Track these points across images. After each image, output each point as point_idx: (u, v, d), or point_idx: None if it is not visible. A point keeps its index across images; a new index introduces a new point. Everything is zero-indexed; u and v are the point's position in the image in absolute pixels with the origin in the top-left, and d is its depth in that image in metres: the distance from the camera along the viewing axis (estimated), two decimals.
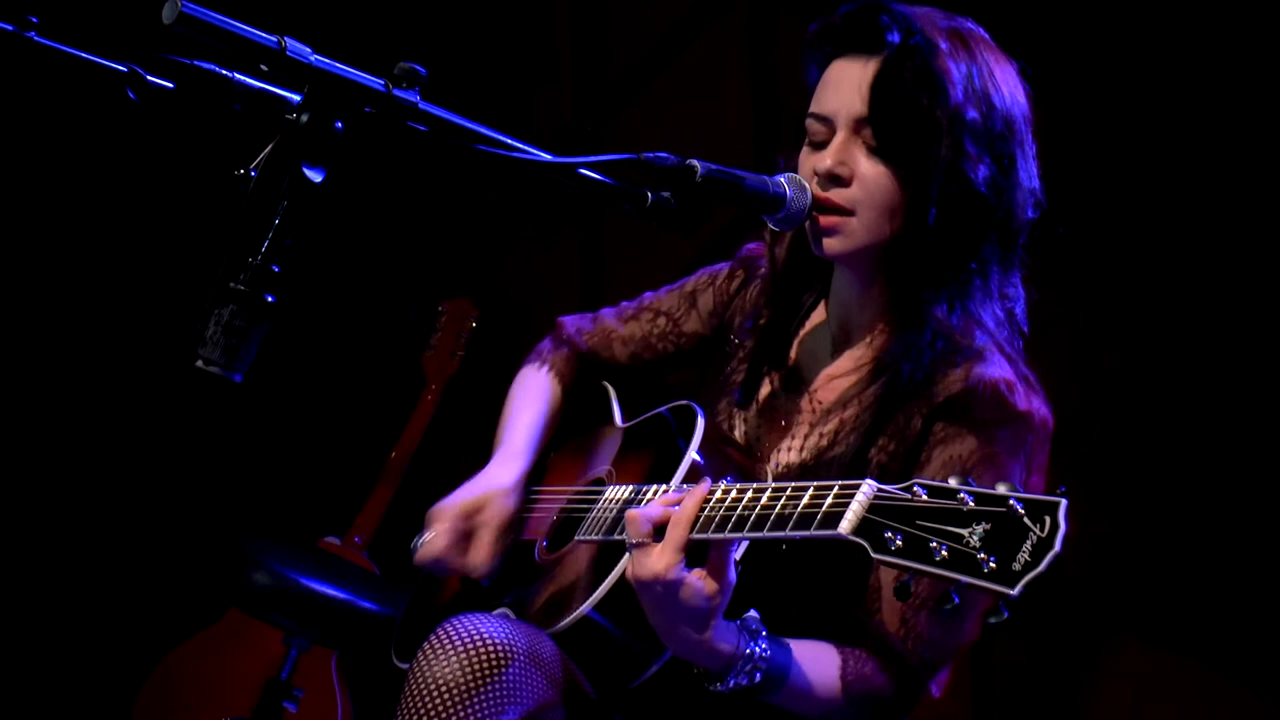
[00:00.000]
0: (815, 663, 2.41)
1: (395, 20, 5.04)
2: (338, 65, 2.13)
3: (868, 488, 2.08)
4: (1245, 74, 3.78)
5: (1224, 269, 3.81)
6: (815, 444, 2.60)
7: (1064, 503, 1.92)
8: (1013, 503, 1.94)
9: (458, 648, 2.39)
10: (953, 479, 2.01)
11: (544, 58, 4.97)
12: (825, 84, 2.57)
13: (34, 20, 2.10)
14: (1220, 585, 3.79)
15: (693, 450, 2.55)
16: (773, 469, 2.63)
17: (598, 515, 2.58)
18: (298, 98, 2.11)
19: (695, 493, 2.31)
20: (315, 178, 2.09)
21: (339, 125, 2.12)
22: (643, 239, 3.62)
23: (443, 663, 2.39)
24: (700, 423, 2.60)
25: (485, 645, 2.39)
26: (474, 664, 2.38)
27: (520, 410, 2.91)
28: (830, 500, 2.12)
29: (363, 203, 4.91)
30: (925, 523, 1.99)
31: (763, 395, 2.72)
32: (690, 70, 4.73)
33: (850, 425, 2.58)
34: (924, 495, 2.02)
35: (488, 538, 2.71)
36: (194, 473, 5.04)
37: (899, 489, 2.05)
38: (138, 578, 4.97)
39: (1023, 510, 1.93)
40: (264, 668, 4.40)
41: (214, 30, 2.04)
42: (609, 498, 2.59)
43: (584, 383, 2.97)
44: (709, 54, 4.70)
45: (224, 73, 2.10)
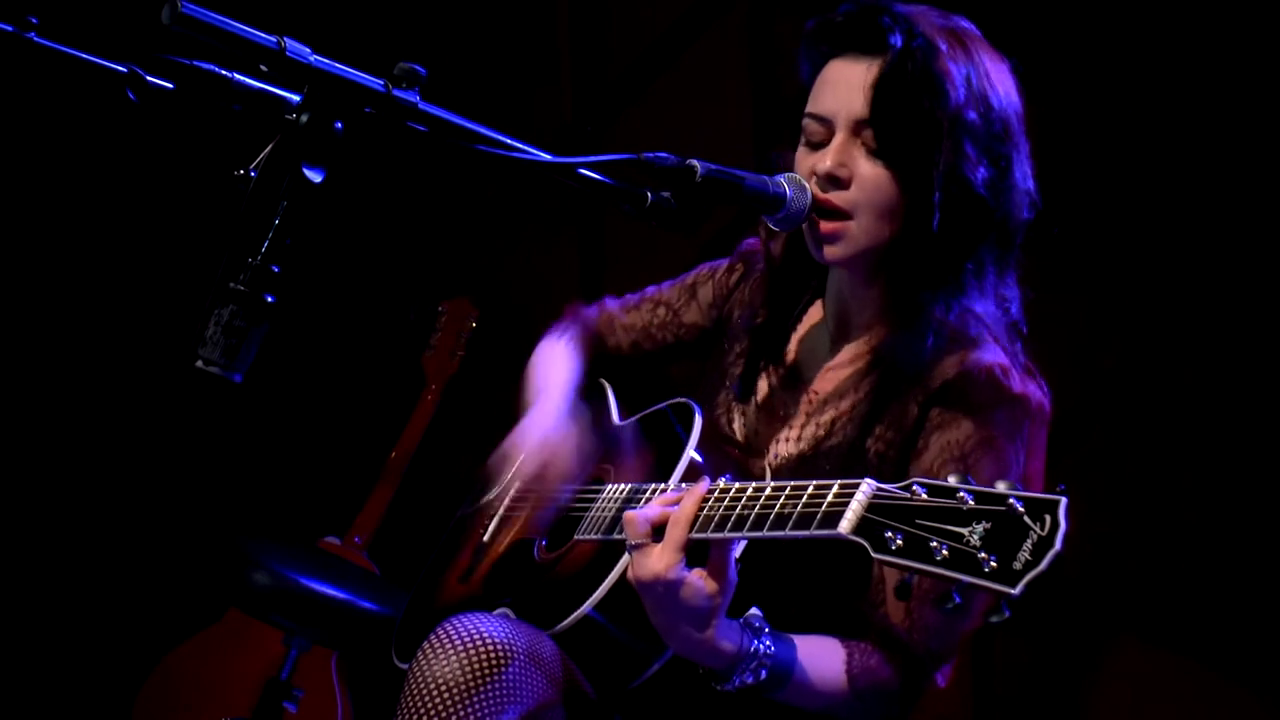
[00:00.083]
0: (820, 657, 2.40)
1: (395, 20, 5.04)
2: (337, 65, 2.13)
3: (867, 486, 2.08)
4: (1244, 73, 3.77)
5: (1223, 269, 3.81)
6: (813, 434, 2.60)
7: (1064, 501, 1.91)
8: (1013, 501, 1.93)
9: (458, 647, 2.39)
10: (952, 477, 2.00)
11: (544, 58, 4.97)
12: (824, 84, 2.56)
13: (34, 21, 2.10)
14: (1220, 585, 3.78)
15: (691, 448, 2.55)
16: (770, 460, 2.63)
17: (597, 514, 2.58)
18: (297, 98, 2.11)
19: (694, 492, 2.31)
20: (315, 178, 2.09)
21: (339, 125, 2.12)
22: (643, 239, 3.61)
23: (443, 662, 2.38)
24: (698, 420, 2.61)
25: (485, 645, 2.39)
26: (474, 664, 2.38)
27: (549, 370, 2.90)
28: (829, 499, 2.12)
29: (363, 203, 4.91)
30: (925, 521, 1.99)
31: (761, 391, 2.72)
32: (690, 70, 4.73)
33: (847, 416, 2.58)
34: (923, 494, 2.02)
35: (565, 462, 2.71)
36: (194, 473, 5.04)
37: (898, 488, 2.05)
38: (138, 578, 4.97)
39: (1023, 509, 1.92)
40: (264, 668, 4.39)
41: (213, 30, 2.04)
42: (608, 496, 2.59)
43: (594, 364, 2.98)
44: (709, 54, 4.69)
45: (224, 73, 2.10)
